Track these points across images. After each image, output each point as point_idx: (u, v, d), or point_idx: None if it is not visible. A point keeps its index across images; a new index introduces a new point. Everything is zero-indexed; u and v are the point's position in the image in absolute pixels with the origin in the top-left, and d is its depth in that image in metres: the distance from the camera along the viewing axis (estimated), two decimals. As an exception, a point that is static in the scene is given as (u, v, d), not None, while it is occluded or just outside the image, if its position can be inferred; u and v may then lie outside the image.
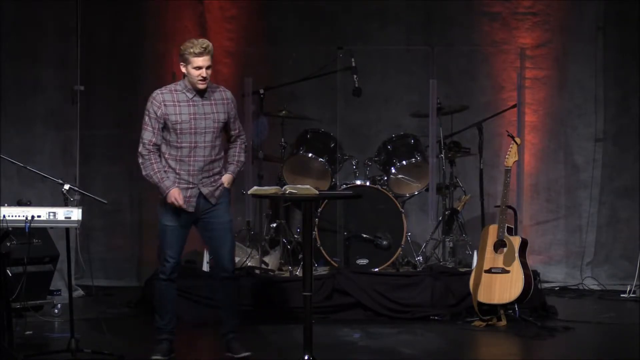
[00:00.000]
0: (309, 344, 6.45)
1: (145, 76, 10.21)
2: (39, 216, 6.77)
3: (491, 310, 8.32)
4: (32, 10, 9.21)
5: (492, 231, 8.41)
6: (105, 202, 7.33)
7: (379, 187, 9.17)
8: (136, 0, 10.14)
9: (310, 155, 9.25)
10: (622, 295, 9.64)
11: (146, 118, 6.90)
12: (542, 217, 10.30)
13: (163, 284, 7.01)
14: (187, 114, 6.83)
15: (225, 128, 6.99)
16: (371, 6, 10.35)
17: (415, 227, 9.87)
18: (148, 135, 6.89)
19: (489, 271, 8.32)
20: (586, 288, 10.03)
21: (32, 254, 7.81)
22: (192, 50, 6.76)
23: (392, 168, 9.35)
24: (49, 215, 6.81)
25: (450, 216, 9.41)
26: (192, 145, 6.85)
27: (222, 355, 7.32)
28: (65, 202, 6.92)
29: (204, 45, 6.77)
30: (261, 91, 9.45)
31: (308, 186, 6.52)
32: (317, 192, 6.47)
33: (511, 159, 8.49)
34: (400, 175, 9.38)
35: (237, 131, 7.07)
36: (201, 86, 6.82)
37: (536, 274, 8.89)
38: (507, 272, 8.27)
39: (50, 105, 9.38)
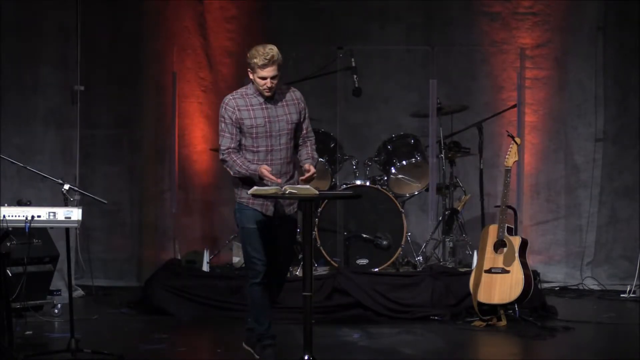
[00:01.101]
0: (309, 344, 6.45)
1: (145, 76, 10.22)
2: (39, 216, 6.76)
3: (491, 310, 8.32)
4: (32, 10, 9.21)
5: (492, 231, 8.40)
6: (105, 202, 7.31)
7: (379, 187, 9.17)
8: (136, 0, 10.14)
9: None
10: (622, 295, 9.64)
11: (222, 125, 6.74)
12: (542, 217, 10.29)
13: (256, 288, 6.81)
14: (261, 118, 6.71)
15: (297, 129, 6.85)
16: (371, 6, 10.35)
17: (415, 227, 9.88)
18: (226, 142, 6.73)
19: (489, 271, 8.32)
20: (586, 288, 10.03)
21: (32, 254, 7.81)
22: (255, 61, 6.61)
23: (392, 168, 9.35)
24: (49, 215, 6.80)
25: (450, 216, 9.41)
26: (269, 148, 6.72)
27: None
28: (65, 202, 6.91)
29: (267, 57, 6.59)
30: (261, 91, 9.44)
31: (308, 186, 6.51)
32: (317, 192, 6.47)
33: (511, 159, 8.48)
34: (400, 175, 9.39)
35: (305, 131, 6.89)
36: (267, 94, 6.70)
37: (536, 274, 8.89)
38: (507, 272, 8.27)
39: (50, 105, 9.38)
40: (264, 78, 6.65)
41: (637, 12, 9.99)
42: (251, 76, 6.72)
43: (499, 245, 8.36)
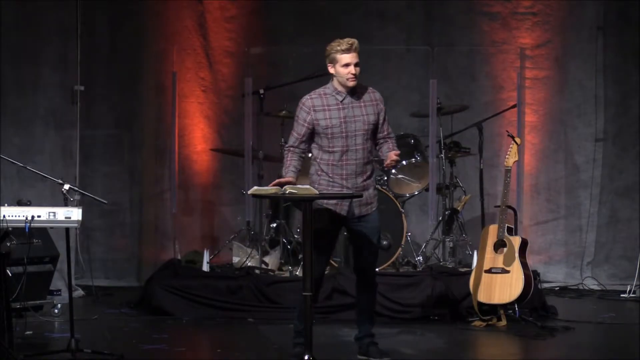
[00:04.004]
0: (309, 344, 6.45)
1: (145, 76, 10.22)
2: (39, 216, 6.76)
3: (491, 310, 8.32)
4: (32, 10, 9.21)
5: (492, 231, 8.40)
6: (105, 202, 7.32)
7: (379, 187, 9.16)
8: (136, 0, 10.14)
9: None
10: (622, 295, 9.64)
11: (295, 123, 6.79)
12: (542, 217, 10.29)
13: None
14: (337, 118, 6.71)
15: (375, 130, 6.83)
16: (371, 6, 10.35)
17: (415, 227, 9.87)
18: (292, 140, 6.81)
19: (489, 271, 8.32)
20: (586, 288, 10.03)
21: (32, 254, 7.80)
22: (338, 48, 6.65)
23: (392, 168, 9.34)
24: (49, 215, 6.79)
25: (450, 216, 9.41)
26: (344, 149, 6.72)
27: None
28: (65, 202, 6.91)
29: (350, 42, 6.65)
30: (261, 91, 9.46)
31: (308, 186, 6.52)
32: (317, 192, 6.47)
33: (511, 159, 8.48)
34: (400, 175, 9.38)
35: (386, 133, 6.89)
36: (351, 83, 6.69)
37: (536, 274, 8.90)
38: (507, 272, 8.27)
39: (50, 105, 9.38)
40: (347, 65, 6.64)
41: (637, 12, 9.99)
42: (332, 70, 6.70)
43: (499, 245, 8.36)
